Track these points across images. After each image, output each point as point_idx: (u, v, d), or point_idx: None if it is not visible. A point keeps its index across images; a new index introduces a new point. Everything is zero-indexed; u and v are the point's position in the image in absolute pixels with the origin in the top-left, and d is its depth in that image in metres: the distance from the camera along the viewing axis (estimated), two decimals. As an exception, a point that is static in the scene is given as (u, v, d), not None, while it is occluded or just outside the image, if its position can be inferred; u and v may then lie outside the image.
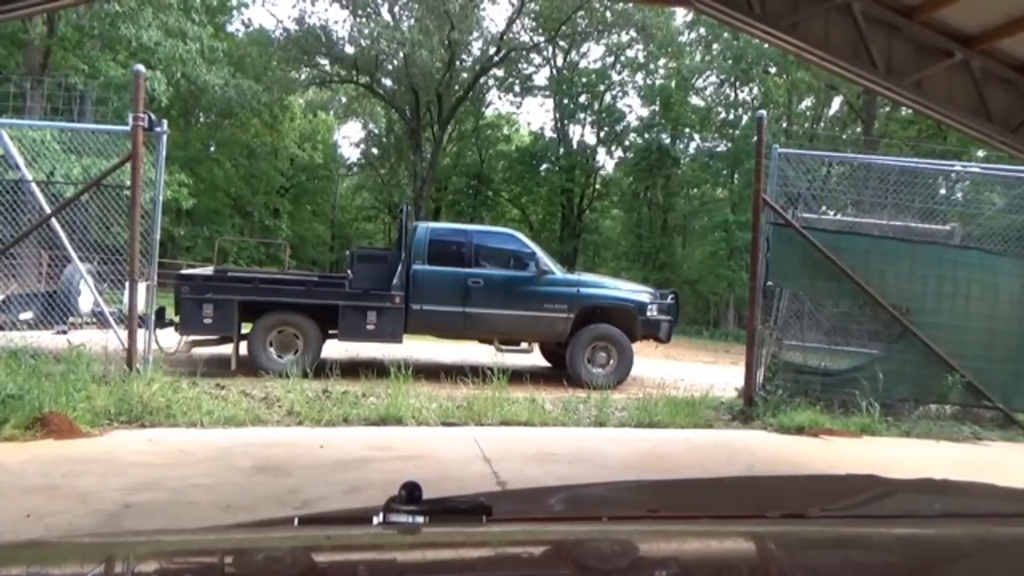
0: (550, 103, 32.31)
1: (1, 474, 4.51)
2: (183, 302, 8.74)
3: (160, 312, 7.89)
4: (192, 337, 8.96)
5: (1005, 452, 6.82)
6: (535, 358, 10.78)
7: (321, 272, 12.17)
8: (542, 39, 29.54)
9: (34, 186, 7.56)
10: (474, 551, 1.17)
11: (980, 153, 17.53)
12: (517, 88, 31.82)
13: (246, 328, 9.10)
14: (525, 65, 31.28)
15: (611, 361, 9.80)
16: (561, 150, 31.53)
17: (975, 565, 1.19)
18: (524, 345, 10.05)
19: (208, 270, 10.18)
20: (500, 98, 33.41)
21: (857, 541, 1.22)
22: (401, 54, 25.87)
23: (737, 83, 28.12)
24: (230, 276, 9.70)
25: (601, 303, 9.93)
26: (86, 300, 8.25)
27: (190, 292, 8.74)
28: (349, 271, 9.72)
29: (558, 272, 10.06)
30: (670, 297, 10.56)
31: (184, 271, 9.69)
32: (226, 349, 9.16)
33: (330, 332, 9.43)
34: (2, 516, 3.77)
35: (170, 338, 8.55)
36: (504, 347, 9.88)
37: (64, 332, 7.86)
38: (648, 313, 9.97)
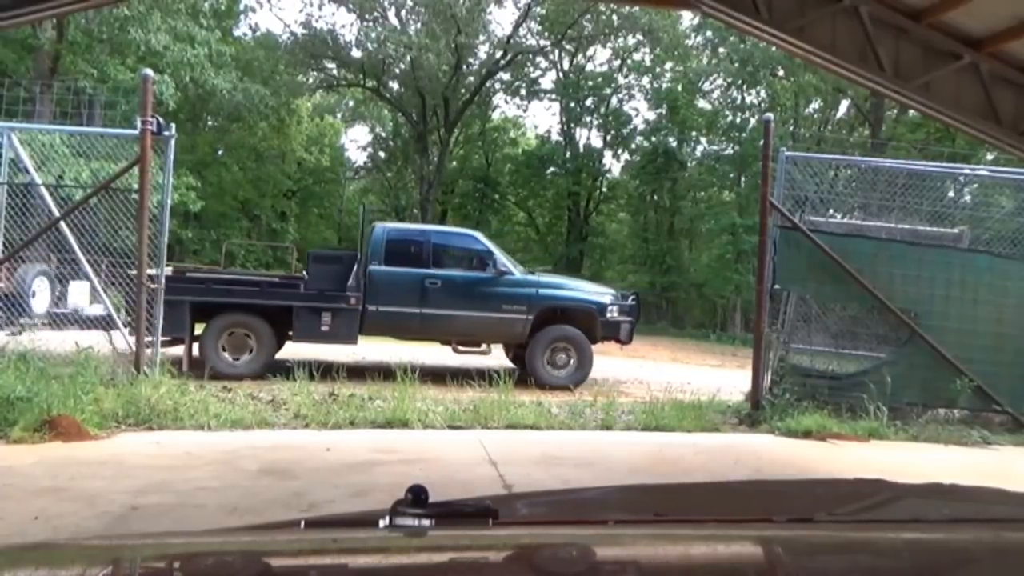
0: (556, 106, 32.35)
1: (9, 476, 4.54)
2: (134, 303, 8.48)
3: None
4: (144, 338, 8.68)
5: (1014, 457, 6.78)
6: (498, 359, 10.63)
7: (284, 274, 12.01)
8: (548, 43, 29.55)
9: (43, 189, 7.60)
10: (480, 554, 1.17)
11: (989, 156, 17.49)
12: (523, 92, 31.82)
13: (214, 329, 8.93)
14: (531, 69, 31.30)
15: (571, 362, 9.72)
16: (567, 153, 31.51)
17: (984, 570, 1.18)
18: (483, 347, 9.95)
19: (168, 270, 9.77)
20: (506, 102, 33.46)
21: (865, 546, 1.21)
22: (408, 58, 25.94)
23: (744, 86, 28.07)
24: (182, 277, 9.35)
25: (560, 304, 9.88)
26: (40, 301, 8.06)
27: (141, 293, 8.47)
28: (305, 272, 9.66)
29: (517, 273, 9.99)
30: (631, 298, 10.54)
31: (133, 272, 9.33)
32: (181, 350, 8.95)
33: (289, 333, 9.37)
34: (11, 518, 3.79)
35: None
36: (462, 348, 9.81)
37: (17, 334, 7.71)
38: (608, 314, 9.90)
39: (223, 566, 1.12)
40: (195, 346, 9.00)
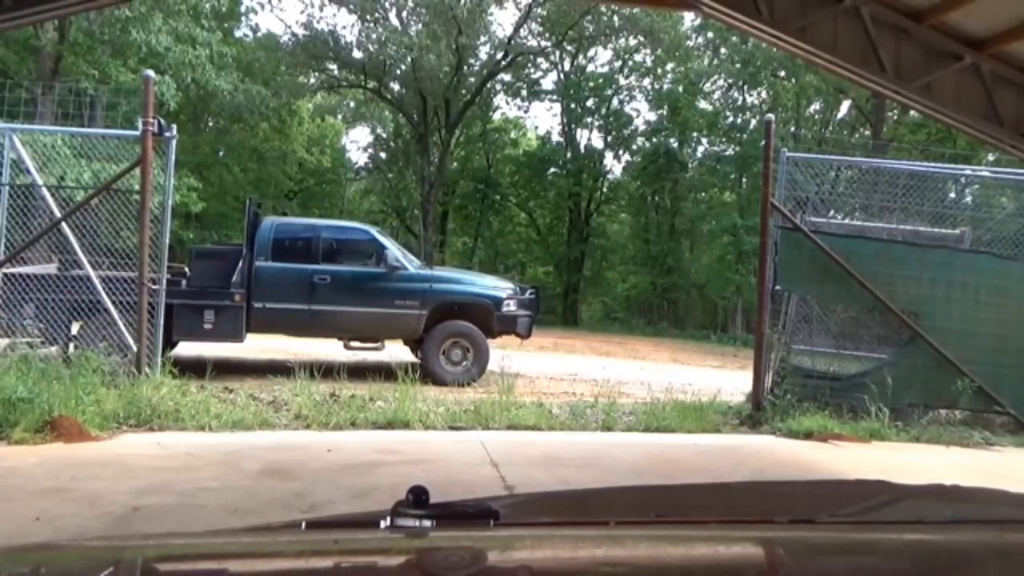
0: (557, 107, 32.29)
1: (11, 477, 4.54)
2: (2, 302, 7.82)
3: None
4: (16, 340, 7.92)
5: (1016, 458, 6.77)
6: (402, 353, 10.38)
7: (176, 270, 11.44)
8: (549, 44, 29.53)
9: (45, 191, 7.61)
10: (481, 555, 1.17)
11: (990, 157, 17.47)
12: (524, 92, 31.78)
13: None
14: (532, 69, 31.26)
15: (467, 357, 9.61)
16: (568, 154, 31.46)
17: (986, 571, 1.18)
18: (378, 343, 9.80)
19: (49, 268, 8.70)
20: (507, 103, 33.38)
21: (867, 547, 1.21)
22: (409, 59, 25.91)
23: (745, 87, 28.04)
24: (54, 275, 8.35)
25: (455, 299, 9.78)
26: None
27: (11, 291, 7.77)
28: (187, 269, 9.55)
29: (411, 267, 9.89)
30: (529, 292, 10.51)
31: (5, 270, 8.21)
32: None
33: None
34: (12, 519, 3.80)
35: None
36: (354, 345, 9.70)
37: None
38: (505, 308, 9.83)
39: (224, 567, 1.12)
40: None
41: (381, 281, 9.54)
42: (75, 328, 8.24)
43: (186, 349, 9.52)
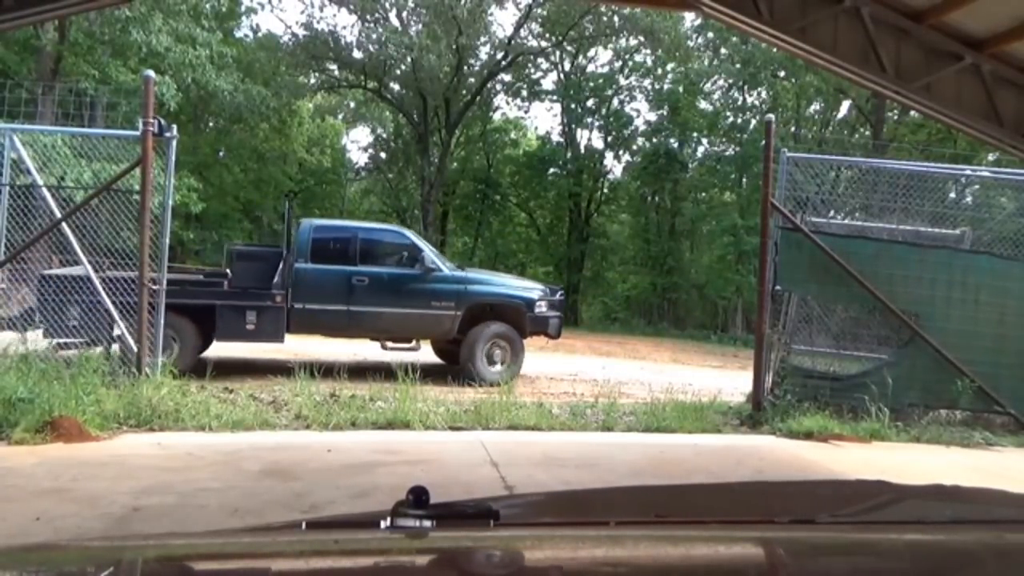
0: (557, 108, 32.31)
1: (11, 477, 4.55)
2: (47, 304, 7.80)
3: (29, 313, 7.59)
4: (59, 340, 7.95)
5: (1016, 458, 6.77)
6: (427, 355, 10.55)
7: (210, 271, 11.54)
8: (549, 44, 29.54)
9: (45, 191, 7.61)
10: (481, 556, 1.17)
11: (990, 157, 17.48)
12: (524, 93, 31.79)
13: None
14: (532, 70, 31.27)
15: (506, 358, 9.72)
16: (569, 155, 31.47)
17: (986, 572, 1.18)
18: (413, 343, 9.91)
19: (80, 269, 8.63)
20: (508, 103, 33.40)
21: (867, 547, 1.21)
22: (409, 59, 25.93)
23: (745, 87, 28.05)
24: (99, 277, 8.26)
25: (488, 300, 9.88)
26: None
27: (55, 294, 7.77)
28: (228, 270, 9.61)
29: (446, 269, 9.99)
30: (559, 293, 10.60)
31: (48, 271, 8.21)
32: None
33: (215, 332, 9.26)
34: (12, 519, 3.80)
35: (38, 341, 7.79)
36: (391, 345, 9.79)
37: None
38: (537, 309, 9.96)
39: (224, 567, 1.12)
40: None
41: (417, 282, 9.63)
42: (117, 330, 8.24)
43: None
